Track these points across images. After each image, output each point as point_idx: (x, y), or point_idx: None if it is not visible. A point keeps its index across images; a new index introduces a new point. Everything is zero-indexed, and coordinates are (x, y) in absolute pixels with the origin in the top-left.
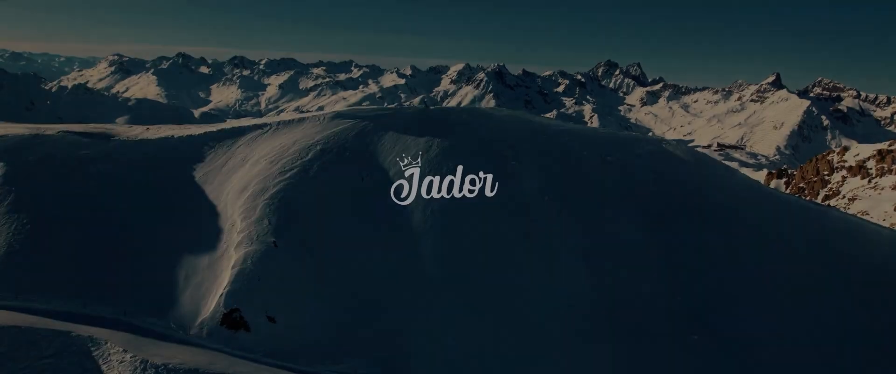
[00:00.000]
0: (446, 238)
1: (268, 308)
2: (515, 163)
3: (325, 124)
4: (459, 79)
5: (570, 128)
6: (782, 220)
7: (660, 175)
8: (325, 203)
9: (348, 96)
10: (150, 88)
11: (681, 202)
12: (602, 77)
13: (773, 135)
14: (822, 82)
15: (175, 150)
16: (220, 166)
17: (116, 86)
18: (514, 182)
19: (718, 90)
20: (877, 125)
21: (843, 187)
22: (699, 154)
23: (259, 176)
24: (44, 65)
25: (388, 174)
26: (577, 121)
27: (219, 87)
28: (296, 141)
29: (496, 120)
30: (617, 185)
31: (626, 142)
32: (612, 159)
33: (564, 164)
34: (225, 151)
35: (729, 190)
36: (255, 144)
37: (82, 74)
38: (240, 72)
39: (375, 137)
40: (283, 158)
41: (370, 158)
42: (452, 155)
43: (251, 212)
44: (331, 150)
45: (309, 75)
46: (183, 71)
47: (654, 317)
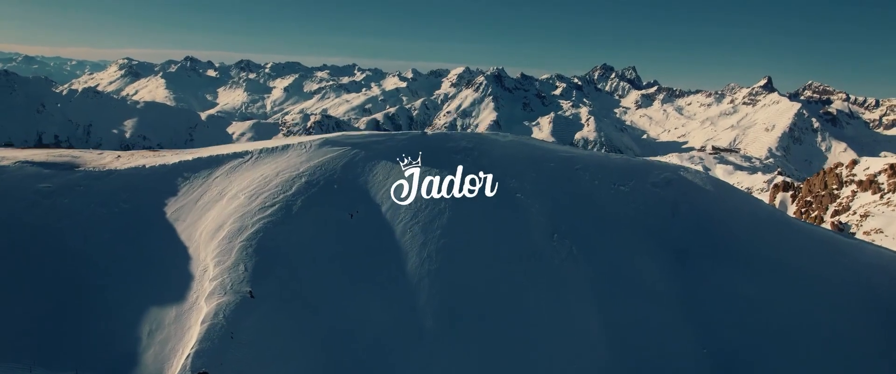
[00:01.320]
0: (447, 285)
1: (242, 370)
2: (522, 196)
3: (311, 153)
4: (459, 82)
5: (579, 154)
6: (814, 256)
7: (678, 207)
8: (309, 245)
9: (351, 99)
10: (159, 91)
11: (703, 238)
12: (598, 80)
13: (765, 137)
14: (813, 85)
15: (146, 182)
16: (195, 201)
17: (126, 89)
18: (521, 219)
19: (711, 93)
20: (865, 127)
21: (853, 203)
22: (719, 182)
23: (236, 213)
24: (56, 68)
25: (380, 210)
26: (574, 123)
27: (225, 90)
28: (278, 172)
29: (500, 147)
30: (632, 219)
31: (640, 169)
32: (626, 189)
33: (575, 196)
34: (201, 184)
35: (754, 222)
36: (234, 175)
37: (93, 77)
38: (246, 75)
39: (366, 167)
40: (264, 191)
41: (360, 192)
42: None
43: (226, 256)
44: (317, 182)
45: (313, 79)
46: (191, 74)
47: (677, 371)
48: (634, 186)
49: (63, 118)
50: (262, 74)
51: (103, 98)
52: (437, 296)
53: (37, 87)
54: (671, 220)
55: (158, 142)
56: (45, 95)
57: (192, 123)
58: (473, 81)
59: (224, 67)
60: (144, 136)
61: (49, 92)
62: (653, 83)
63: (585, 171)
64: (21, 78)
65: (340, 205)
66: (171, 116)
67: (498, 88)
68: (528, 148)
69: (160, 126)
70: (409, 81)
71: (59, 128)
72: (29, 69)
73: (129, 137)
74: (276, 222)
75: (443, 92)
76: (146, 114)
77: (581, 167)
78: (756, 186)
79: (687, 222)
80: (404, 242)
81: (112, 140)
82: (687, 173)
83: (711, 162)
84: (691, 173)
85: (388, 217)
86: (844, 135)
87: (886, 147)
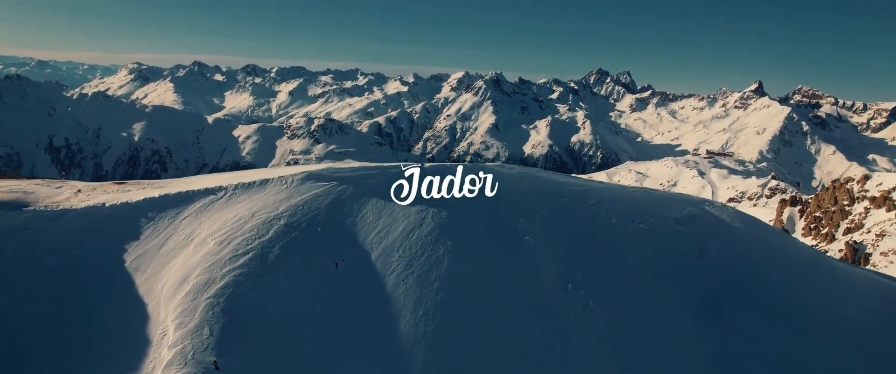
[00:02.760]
0: (447, 351)
1: None
2: (531, 239)
3: (292, 189)
4: (459, 86)
5: (594, 187)
6: (861, 304)
7: (704, 246)
8: (287, 302)
9: (354, 103)
10: (168, 95)
11: (734, 284)
12: (594, 84)
13: (756, 140)
14: (802, 90)
15: (105, 223)
16: (158, 247)
17: (136, 92)
18: (530, 267)
19: (704, 97)
20: (854, 130)
21: (867, 220)
22: (748, 218)
23: (204, 262)
24: (68, 72)
25: (369, 257)
26: (570, 126)
27: (232, 93)
28: (254, 213)
29: (505, 180)
30: (654, 262)
31: (660, 203)
32: (646, 227)
33: (590, 237)
34: (166, 225)
35: (791, 265)
36: (205, 215)
37: (104, 81)
38: (252, 79)
39: (354, 205)
40: (237, 236)
41: (347, 235)
42: (450, 232)
43: (189, 316)
44: (297, 224)
45: (317, 83)
46: (198, 78)
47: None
48: (655, 223)
49: (73, 122)
50: (268, 79)
51: (113, 102)
52: (435, 364)
53: (48, 91)
54: (697, 263)
55: (166, 145)
56: (56, 98)
57: (199, 127)
58: (473, 85)
59: (231, 72)
60: (152, 138)
61: (60, 96)
62: (647, 87)
63: (600, 206)
64: (33, 82)
65: (324, 252)
66: (179, 119)
67: (497, 93)
68: (537, 182)
69: (168, 129)
70: (410, 86)
71: (70, 131)
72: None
73: (138, 140)
74: (248, 273)
75: (443, 96)
76: (154, 117)
77: (595, 203)
78: (751, 190)
79: (715, 265)
80: (397, 297)
81: (121, 143)
82: (712, 208)
83: (706, 166)
84: (717, 208)
85: (379, 266)
86: (833, 138)
87: (874, 150)
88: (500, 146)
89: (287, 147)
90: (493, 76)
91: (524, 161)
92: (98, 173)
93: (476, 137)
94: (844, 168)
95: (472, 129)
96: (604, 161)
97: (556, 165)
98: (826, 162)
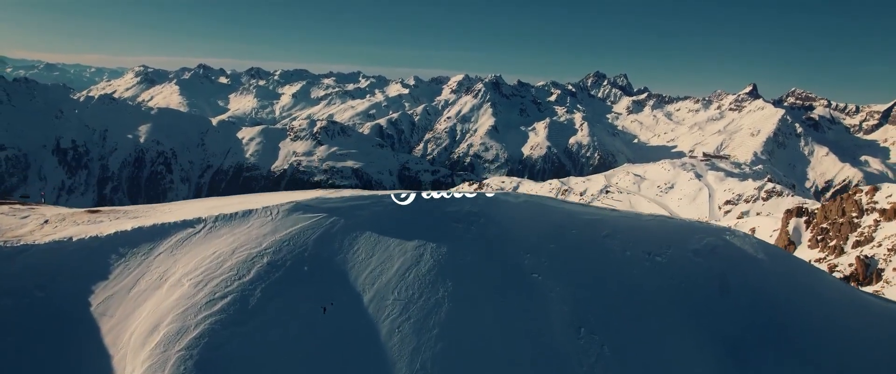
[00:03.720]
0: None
1: None
2: (539, 277)
3: (277, 222)
4: (459, 89)
5: (606, 216)
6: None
7: (726, 281)
8: (268, 355)
9: (356, 105)
10: (173, 97)
11: (760, 324)
12: (591, 87)
13: (751, 142)
14: (796, 92)
15: (70, 260)
16: (128, 289)
17: (142, 95)
18: (539, 310)
19: (699, 99)
20: (846, 132)
21: (877, 233)
22: (773, 249)
23: (177, 308)
24: (76, 75)
25: (361, 300)
26: (568, 128)
27: (236, 96)
28: (235, 249)
29: (511, 211)
30: (673, 300)
31: (677, 233)
32: (663, 260)
33: (604, 274)
34: (138, 263)
35: (821, 302)
36: (181, 251)
37: (110, 83)
38: (256, 82)
39: (346, 241)
40: (214, 277)
41: (337, 275)
42: (451, 270)
43: (158, 371)
44: (282, 263)
45: (320, 85)
46: (203, 81)
47: None
48: (673, 255)
49: (80, 124)
50: (272, 81)
51: (119, 104)
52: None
53: (55, 93)
54: (720, 300)
55: (171, 146)
56: (63, 101)
57: (204, 129)
58: (472, 87)
59: (235, 75)
60: (158, 140)
61: (67, 98)
62: (643, 90)
63: (614, 238)
64: (40, 85)
65: (311, 294)
66: (184, 121)
67: (496, 95)
68: (546, 211)
69: (173, 131)
70: (411, 88)
71: (76, 133)
72: (50, 76)
73: (144, 142)
74: (226, 321)
75: (443, 98)
76: (160, 119)
77: (609, 234)
78: (747, 192)
79: (739, 302)
80: (392, 347)
81: (127, 144)
82: (734, 238)
83: (703, 168)
84: (739, 238)
85: (372, 311)
86: (826, 139)
87: (866, 151)
88: (499, 148)
89: (290, 149)
90: (493, 79)
91: (523, 162)
92: (104, 175)
93: (476, 139)
94: (837, 169)
95: (472, 130)
96: (601, 162)
97: (555, 166)
98: (819, 163)
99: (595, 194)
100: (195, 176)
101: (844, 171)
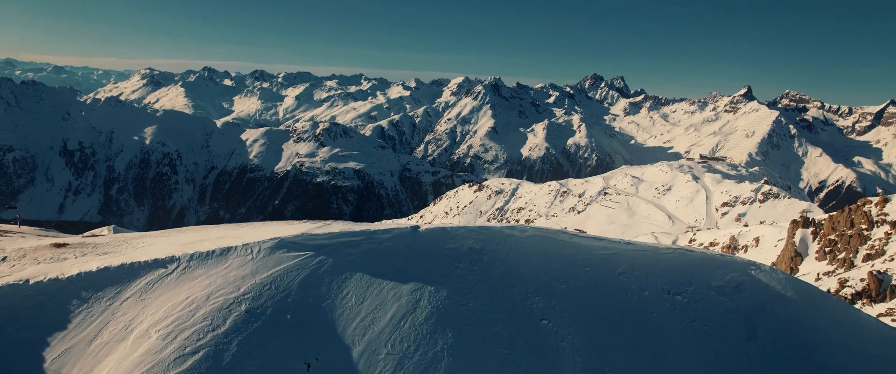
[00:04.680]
0: None
1: None
2: (549, 323)
3: (257, 262)
4: (459, 91)
5: (621, 250)
6: None
7: (753, 324)
8: None
9: (358, 107)
10: (179, 100)
11: (793, 372)
12: (589, 89)
13: (745, 143)
14: (790, 94)
15: (26, 305)
16: (89, 340)
17: (148, 97)
18: (550, 362)
19: (695, 101)
20: (839, 133)
21: (888, 247)
22: (803, 285)
23: (143, 364)
24: (83, 77)
25: (350, 354)
26: (566, 129)
27: (241, 98)
28: (210, 294)
29: (517, 245)
30: (696, 346)
31: (698, 267)
32: (683, 299)
33: (621, 318)
34: (102, 310)
35: (860, 348)
36: (151, 296)
37: (117, 86)
38: (260, 84)
39: (334, 284)
40: (186, 328)
41: (324, 324)
42: (451, 318)
43: None
44: (262, 311)
45: (322, 87)
46: (208, 83)
47: None
48: (694, 293)
49: (87, 126)
50: (275, 83)
51: (125, 106)
52: None
53: (62, 96)
54: (747, 345)
55: (176, 148)
56: (71, 103)
57: (209, 130)
58: (472, 89)
59: (239, 77)
60: (163, 142)
61: (74, 100)
62: (640, 92)
63: (630, 276)
64: (48, 88)
65: (294, 349)
66: (189, 123)
67: (495, 97)
68: (555, 246)
69: (178, 133)
70: (412, 90)
71: (83, 135)
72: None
73: (149, 144)
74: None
75: (444, 100)
76: (165, 121)
77: (625, 271)
78: (744, 194)
79: (769, 347)
80: None
81: (133, 146)
82: (759, 273)
83: (700, 170)
84: (765, 273)
85: (362, 368)
86: (820, 141)
87: (859, 152)
88: (498, 149)
89: (293, 150)
90: (492, 81)
91: (522, 163)
92: (110, 176)
93: (475, 140)
94: (831, 170)
95: (472, 132)
96: (599, 163)
97: (553, 166)
98: (813, 164)
99: (593, 196)
100: (200, 177)
101: (838, 171)
